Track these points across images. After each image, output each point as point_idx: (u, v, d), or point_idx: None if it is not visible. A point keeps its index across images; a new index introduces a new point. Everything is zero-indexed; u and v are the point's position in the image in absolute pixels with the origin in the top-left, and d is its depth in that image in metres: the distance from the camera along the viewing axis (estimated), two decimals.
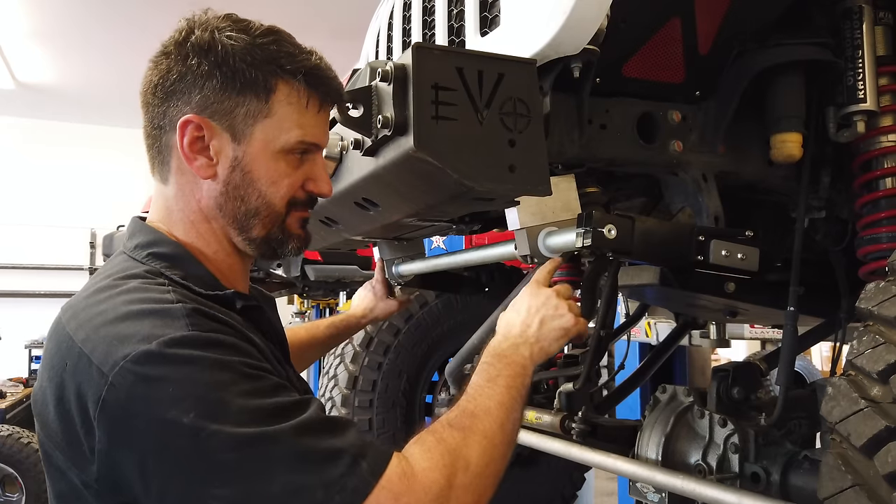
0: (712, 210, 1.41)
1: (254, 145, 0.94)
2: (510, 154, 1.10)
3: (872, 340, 0.85)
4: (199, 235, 0.98)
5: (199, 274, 0.93)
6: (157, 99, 0.95)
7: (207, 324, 0.83)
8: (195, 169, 0.94)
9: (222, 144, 0.93)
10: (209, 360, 0.78)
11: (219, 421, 0.75)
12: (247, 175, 0.94)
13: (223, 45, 0.90)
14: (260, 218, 0.97)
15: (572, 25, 1.17)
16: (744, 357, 5.07)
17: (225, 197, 0.95)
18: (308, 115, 0.96)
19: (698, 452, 1.55)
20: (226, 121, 0.92)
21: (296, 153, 0.97)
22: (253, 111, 0.92)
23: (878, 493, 0.77)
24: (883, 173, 1.45)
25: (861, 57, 1.42)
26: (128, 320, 0.81)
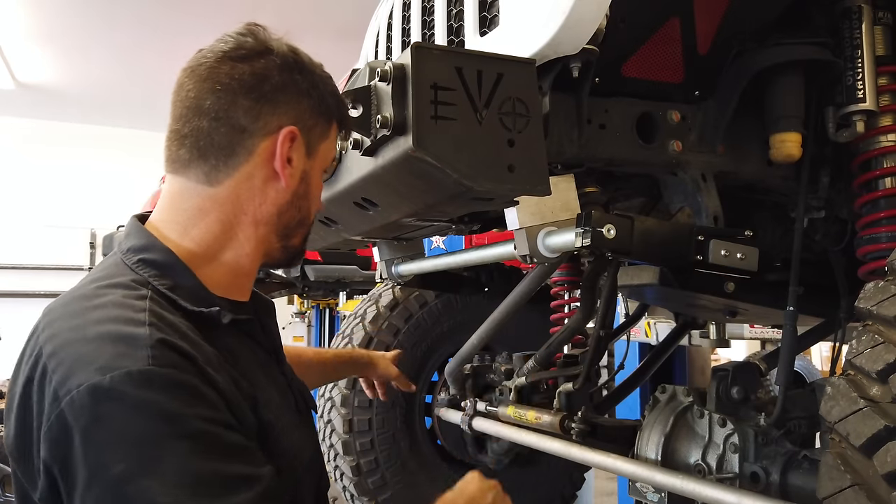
0: (711, 210, 1.41)
1: (317, 161, 1.03)
2: (509, 154, 1.10)
3: (872, 340, 0.85)
4: (231, 239, 0.98)
5: (188, 285, 0.92)
6: (247, 98, 0.93)
7: (171, 356, 0.79)
8: (286, 176, 0.97)
9: (300, 157, 0.99)
10: (157, 407, 0.75)
11: (149, 478, 0.72)
12: (308, 187, 1.02)
13: (317, 71, 1.01)
14: (303, 228, 1.05)
15: (571, 25, 1.17)
16: (743, 357, 5.07)
17: (288, 205, 1.00)
18: (335, 144, 1.09)
19: (698, 452, 1.55)
20: (307, 136, 1.00)
21: (326, 171, 1.10)
22: (323, 132, 1.03)
23: (877, 492, 0.77)
24: (882, 173, 1.45)
25: (860, 57, 1.42)
26: (92, 343, 0.79)
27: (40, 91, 7.58)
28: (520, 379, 2.12)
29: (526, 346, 2.22)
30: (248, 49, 0.95)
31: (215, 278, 0.96)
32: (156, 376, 0.76)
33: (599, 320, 1.75)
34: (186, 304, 0.88)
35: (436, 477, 2.64)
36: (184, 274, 0.92)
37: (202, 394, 0.79)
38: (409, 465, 2.58)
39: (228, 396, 0.84)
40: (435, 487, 2.61)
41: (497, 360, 2.44)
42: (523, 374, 2.10)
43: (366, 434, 2.52)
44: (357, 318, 2.67)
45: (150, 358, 0.77)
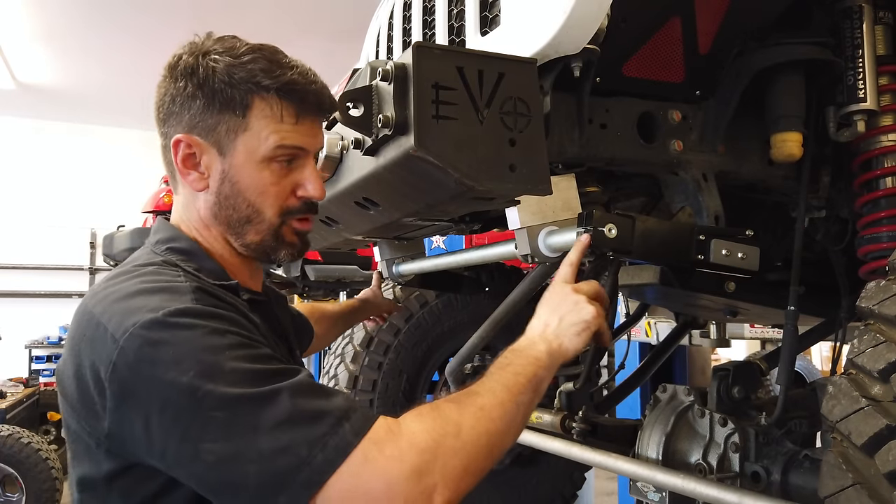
0: (712, 209, 1.41)
1: (238, 157, 1.02)
2: (510, 153, 1.10)
3: (873, 339, 0.85)
4: (204, 239, 1.08)
5: (211, 268, 1.02)
6: (159, 120, 1.06)
7: (210, 300, 0.91)
8: (189, 183, 1.04)
9: (211, 159, 1.02)
10: (208, 328, 0.85)
11: (213, 381, 0.81)
12: (235, 185, 1.02)
13: (205, 68, 1.00)
14: (252, 224, 1.05)
15: (572, 25, 1.17)
16: (744, 357, 5.07)
17: (218, 206, 1.04)
18: (284, 125, 1.03)
19: (699, 452, 1.55)
20: (211, 137, 1.01)
21: (280, 161, 1.03)
22: (233, 126, 1.01)
23: (878, 491, 0.77)
24: (883, 172, 1.45)
25: (861, 56, 1.42)
26: (140, 296, 0.90)
27: (40, 91, 7.58)
28: None
29: None
30: (162, 72, 1.06)
31: (225, 267, 1.06)
32: (201, 310, 0.88)
33: None
34: (210, 280, 0.98)
35: None
36: (206, 259, 1.03)
37: (242, 323, 0.91)
38: None
39: (266, 335, 0.97)
40: None
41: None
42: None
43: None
44: None
45: (194, 300, 0.89)
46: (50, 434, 6.24)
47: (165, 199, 5.06)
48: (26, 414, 5.61)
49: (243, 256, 1.09)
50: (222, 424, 0.80)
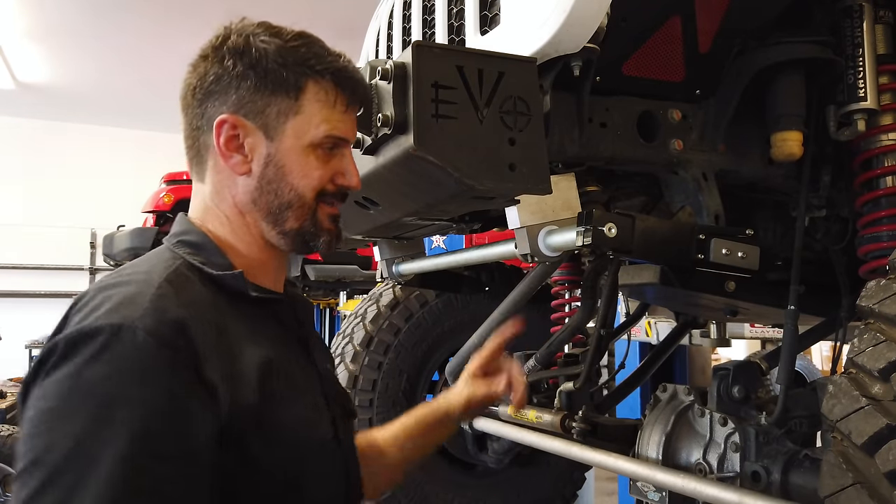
0: (712, 209, 1.41)
1: (285, 141, 0.97)
2: (510, 152, 1.10)
3: (873, 338, 0.85)
4: (233, 231, 1.00)
5: (219, 262, 0.96)
6: (195, 101, 0.99)
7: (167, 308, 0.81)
8: (231, 166, 0.97)
9: (256, 142, 0.97)
10: (101, 399, 0.73)
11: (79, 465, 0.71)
12: (280, 170, 0.97)
13: (256, 48, 0.95)
14: (293, 210, 0.99)
15: (572, 24, 1.17)
16: (743, 356, 5.07)
17: (259, 192, 0.98)
18: (335, 112, 0.98)
19: (699, 451, 1.55)
20: (259, 119, 0.96)
21: (325, 148, 0.99)
22: (284, 109, 0.96)
23: (879, 490, 0.76)
24: (883, 171, 1.45)
25: (861, 55, 1.42)
26: (102, 292, 0.83)
27: (40, 91, 7.58)
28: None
29: (527, 346, 2.22)
30: (201, 52, 0.99)
31: (240, 264, 0.99)
32: (123, 350, 0.76)
33: (600, 319, 1.75)
34: (212, 271, 0.92)
35: (436, 476, 2.64)
36: (215, 253, 0.97)
37: (171, 383, 0.77)
38: None
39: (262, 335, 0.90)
40: (435, 487, 2.61)
41: None
42: (524, 374, 2.09)
43: None
44: (357, 317, 2.67)
45: (137, 318, 0.78)
46: None
47: (165, 199, 5.06)
48: None
49: (271, 251, 1.02)
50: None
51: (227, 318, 0.89)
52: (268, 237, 1.00)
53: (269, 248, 1.02)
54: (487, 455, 2.47)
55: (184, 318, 0.81)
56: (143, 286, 0.84)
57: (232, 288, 0.93)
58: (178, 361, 0.78)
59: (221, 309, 0.90)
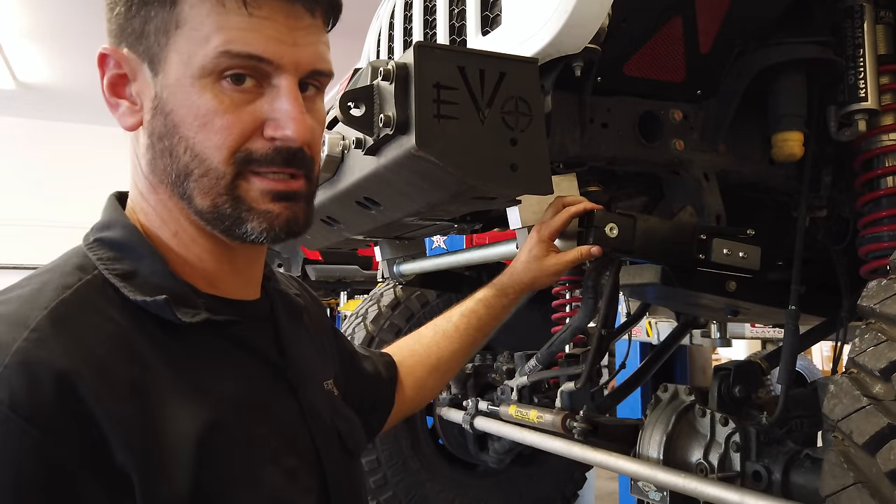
0: (714, 209, 1.41)
1: (170, 73, 0.67)
2: (512, 153, 1.10)
3: (874, 338, 0.85)
4: (158, 215, 0.73)
5: (151, 271, 0.69)
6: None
7: (42, 361, 0.56)
8: (118, 117, 0.71)
9: (143, 80, 0.69)
10: None
11: None
12: (167, 117, 0.68)
13: None
14: (195, 179, 0.68)
15: (573, 24, 1.17)
16: (744, 356, 5.07)
17: (153, 152, 0.70)
18: (233, 16, 0.65)
19: (700, 451, 1.55)
20: (141, 44, 0.67)
21: (229, 78, 0.66)
22: (162, 24, 0.66)
23: (880, 490, 0.77)
24: (884, 172, 1.45)
25: (862, 55, 1.42)
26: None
27: (41, 91, 7.59)
28: (521, 378, 2.13)
29: (527, 346, 2.22)
30: None
31: (186, 267, 0.72)
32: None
33: (601, 319, 1.75)
34: (131, 294, 0.65)
35: (437, 476, 2.64)
36: (147, 256, 0.70)
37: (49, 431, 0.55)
38: (410, 464, 2.58)
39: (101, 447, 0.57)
40: (436, 487, 2.62)
41: (498, 360, 2.45)
42: (525, 374, 2.10)
43: None
44: (358, 317, 2.67)
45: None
46: None
47: None
48: None
49: (214, 240, 0.73)
50: None
51: (153, 365, 0.63)
52: (191, 219, 0.72)
53: (203, 236, 0.73)
54: (488, 455, 2.48)
55: (68, 377, 0.56)
56: (11, 327, 0.58)
57: (158, 316, 0.66)
58: (58, 444, 0.54)
59: (145, 349, 0.63)
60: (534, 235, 1.25)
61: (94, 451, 0.56)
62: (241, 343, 0.73)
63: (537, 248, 1.24)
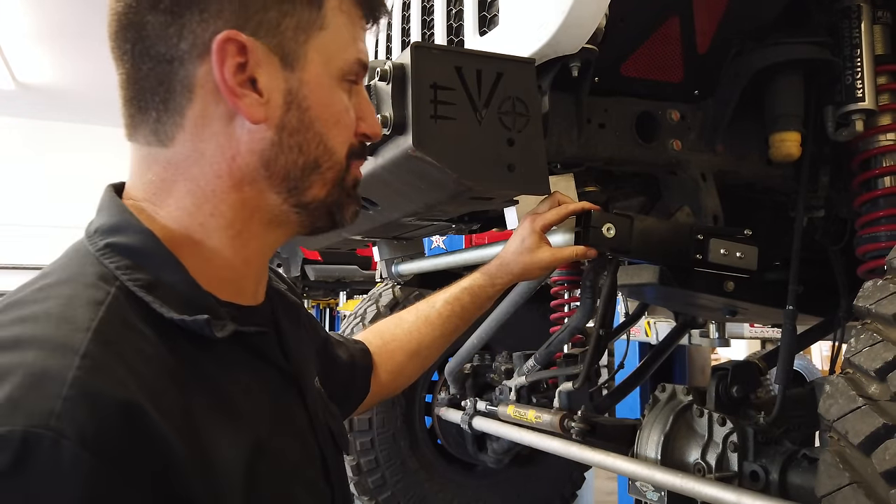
0: (711, 209, 1.41)
1: (310, 70, 0.68)
2: (509, 153, 1.11)
3: (870, 338, 0.86)
4: (214, 214, 0.68)
5: (174, 281, 0.65)
6: (159, 14, 0.64)
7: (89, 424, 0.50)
8: (244, 108, 0.65)
9: (272, 74, 0.66)
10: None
11: None
12: (305, 113, 0.68)
13: None
14: (320, 173, 0.71)
15: (570, 25, 1.17)
16: (743, 356, 5.07)
17: (277, 148, 0.68)
18: (360, 29, 0.73)
19: (697, 451, 1.55)
20: (274, 38, 0.66)
21: (349, 80, 0.72)
22: (304, 22, 0.67)
23: (875, 490, 0.77)
24: (882, 172, 1.45)
25: (859, 56, 1.42)
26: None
27: (40, 91, 7.59)
28: (520, 378, 2.13)
29: (526, 346, 2.22)
30: None
31: (208, 273, 0.68)
32: (43, 454, 0.48)
33: (599, 319, 1.75)
34: (165, 310, 0.62)
35: (436, 476, 2.64)
36: (168, 265, 0.65)
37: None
38: (409, 464, 2.59)
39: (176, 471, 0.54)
40: (435, 487, 2.62)
41: (497, 360, 2.45)
42: (523, 374, 2.10)
43: (366, 433, 2.53)
44: (357, 317, 2.67)
45: (55, 417, 0.49)
46: None
47: None
48: None
49: (264, 237, 0.73)
50: None
51: (188, 386, 0.59)
52: (274, 214, 0.72)
53: (267, 234, 0.73)
54: (487, 455, 2.48)
55: (131, 406, 0.52)
56: (57, 352, 0.52)
57: (193, 333, 0.63)
58: (131, 482, 0.50)
59: (177, 370, 0.59)
60: (526, 225, 1.23)
61: (163, 485, 0.53)
62: (259, 352, 0.72)
63: (529, 238, 1.22)
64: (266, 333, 0.73)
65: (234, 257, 0.70)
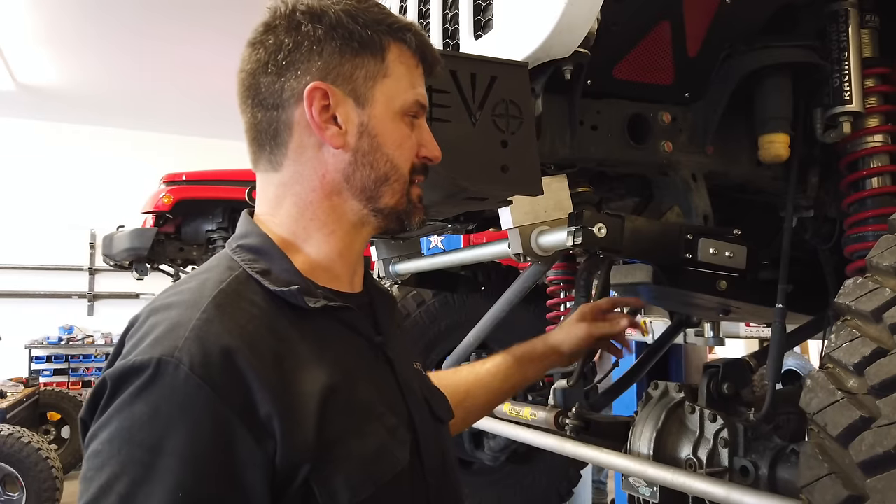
0: (701, 209, 1.44)
1: (377, 107, 0.91)
2: (502, 154, 1.13)
3: (850, 334, 0.88)
4: (313, 218, 0.92)
5: (282, 268, 0.88)
6: (268, 77, 0.89)
7: (211, 336, 0.76)
8: (328, 138, 0.89)
9: (348, 110, 0.89)
10: (142, 444, 0.71)
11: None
12: (374, 139, 0.90)
13: (334, 10, 0.88)
14: (389, 184, 0.92)
15: (562, 29, 1.20)
16: (742, 355, 5.08)
17: (354, 166, 0.90)
18: (417, 76, 0.94)
19: (689, 447, 1.57)
20: (348, 85, 0.89)
21: (409, 115, 0.94)
22: (372, 72, 0.90)
23: (852, 480, 0.79)
24: (869, 173, 1.48)
25: (847, 59, 1.45)
26: (155, 315, 0.80)
27: (40, 92, 7.60)
28: None
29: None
30: (261, 28, 0.91)
31: (312, 265, 0.92)
32: (167, 377, 0.73)
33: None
34: (271, 286, 0.85)
35: None
36: (278, 258, 0.89)
37: (229, 401, 0.74)
38: None
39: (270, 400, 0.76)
40: None
41: None
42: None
43: None
44: None
45: (177, 350, 0.74)
46: (50, 434, 6.27)
47: (165, 199, 5.08)
48: (26, 414, 5.64)
49: (354, 235, 0.95)
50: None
51: (288, 340, 0.82)
52: (358, 217, 0.94)
53: (355, 231, 0.95)
54: (484, 452, 2.50)
55: (230, 348, 0.75)
56: (188, 310, 0.78)
57: (292, 302, 0.85)
58: (222, 398, 0.73)
59: (282, 328, 0.83)
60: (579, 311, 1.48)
61: (247, 404, 0.74)
62: (350, 325, 0.91)
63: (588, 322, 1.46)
64: (352, 309, 0.91)
65: (331, 251, 0.93)
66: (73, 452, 6.18)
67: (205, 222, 5.23)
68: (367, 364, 0.91)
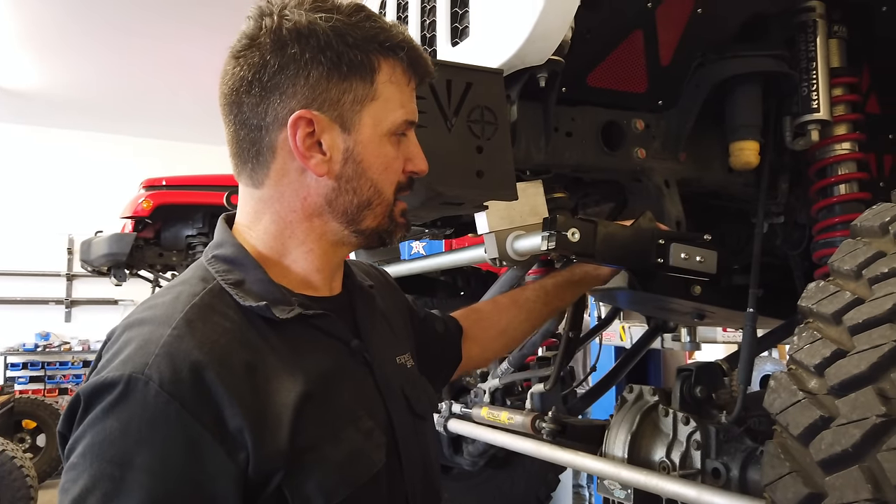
0: (674, 215, 1.47)
1: (363, 132, 0.88)
2: (478, 160, 1.15)
3: (811, 336, 0.90)
4: (292, 236, 0.91)
5: (255, 278, 0.88)
6: (252, 97, 0.86)
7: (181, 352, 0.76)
8: (312, 167, 0.87)
9: (333, 137, 0.87)
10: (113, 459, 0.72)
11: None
12: (359, 165, 0.88)
13: (321, 29, 0.84)
14: (371, 208, 0.91)
15: (537, 37, 1.22)
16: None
17: (337, 192, 0.89)
18: (407, 93, 0.92)
19: (663, 449, 1.59)
20: (335, 111, 0.86)
21: (398, 134, 0.91)
22: (360, 96, 0.87)
23: (813, 478, 0.81)
24: (837, 180, 1.52)
25: (815, 68, 1.49)
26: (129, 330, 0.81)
27: (19, 96, 7.52)
28: (494, 381, 2.17)
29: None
30: (245, 41, 0.87)
31: (289, 276, 0.91)
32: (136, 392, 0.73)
33: (568, 322, 1.80)
34: (243, 299, 0.84)
35: None
36: (252, 268, 0.88)
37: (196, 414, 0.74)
38: None
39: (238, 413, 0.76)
40: None
41: None
42: (497, 376, 2.14)
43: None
44: None
45: (147, 367, 0.74)
46: (25, 442, 6.18)
47: (144, 204, 5.04)
48: (1, 422, 5.56)
49: (334, 252, 0.95)
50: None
51: (261, 351, 0.82)
52: (338, 237, 0.93)
53: (333, 250, 0.95)
54: (463, 457, 2.51)
55: (199, 364, 0.75)
56: (159, 326, 0.78)
57: (260, 316, 0.85)
58: (192, 413, 0.73)
59: (255, 339, 0.83)
60: None
61: (216, 418, 0.75)
62: (326, 330, 0.91)
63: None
64: (328, 316, 0.91)
65: (308, 266, 0.93)
66: (49, 461, 6.10)
67: (185, 227, 5.19)
68: (343, 368, 0.91)
